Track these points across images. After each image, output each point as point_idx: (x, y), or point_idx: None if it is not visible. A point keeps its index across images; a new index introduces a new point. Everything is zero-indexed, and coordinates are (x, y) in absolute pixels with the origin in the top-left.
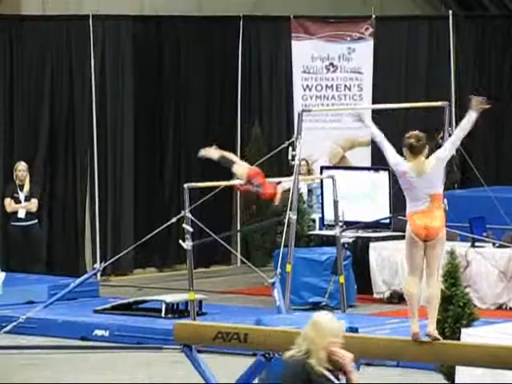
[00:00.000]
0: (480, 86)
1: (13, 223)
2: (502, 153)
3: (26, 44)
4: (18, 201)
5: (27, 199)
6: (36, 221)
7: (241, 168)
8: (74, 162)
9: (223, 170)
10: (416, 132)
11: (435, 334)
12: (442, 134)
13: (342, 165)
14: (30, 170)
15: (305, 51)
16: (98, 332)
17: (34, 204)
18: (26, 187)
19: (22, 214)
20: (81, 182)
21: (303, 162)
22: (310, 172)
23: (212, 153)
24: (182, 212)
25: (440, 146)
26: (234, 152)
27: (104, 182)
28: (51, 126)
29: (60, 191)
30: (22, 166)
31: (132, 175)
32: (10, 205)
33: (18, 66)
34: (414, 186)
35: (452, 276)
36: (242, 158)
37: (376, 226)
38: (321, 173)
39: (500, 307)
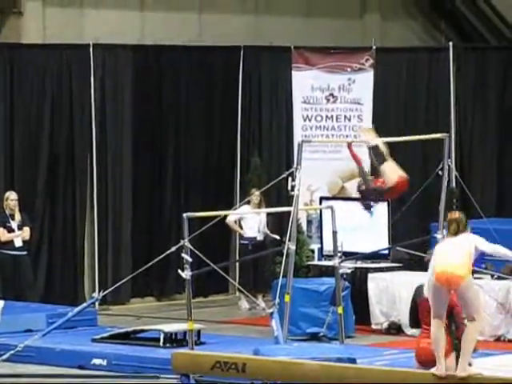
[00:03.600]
0: (480, 118)
1: (4, 251)
2: (503, 185)
3: (26, 72)
4: (10, 230)
5: (20, 228)
6: (26, 252)
7: (390, 171)
8: (73, 190)
9: (222, 199)
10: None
11: (460, 374)
12: (441, 165)
13: (341, 195)
14: (26, 198)
15: (305, 81)
16: (96, 361)
17: (26, 232)
18: (17, 216)
19: (19, 243)
20: (80, 210)
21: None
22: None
23: (369, 137)
24: (181, 241)
25: (439, 177)
26: (234, 182)
27: (103, 210)
28: (51, 153)
29: (59, 219)
30: (13, 196)
31: (131, 203)
32: (3, 234)
33: (19, 94)
34: None
35: None
36: (242, 187)
37: (375, 256)
38: (320, 203)
39: (498, 339)
